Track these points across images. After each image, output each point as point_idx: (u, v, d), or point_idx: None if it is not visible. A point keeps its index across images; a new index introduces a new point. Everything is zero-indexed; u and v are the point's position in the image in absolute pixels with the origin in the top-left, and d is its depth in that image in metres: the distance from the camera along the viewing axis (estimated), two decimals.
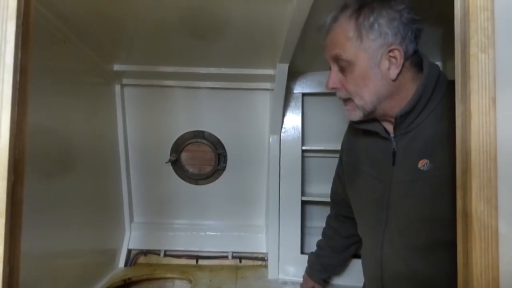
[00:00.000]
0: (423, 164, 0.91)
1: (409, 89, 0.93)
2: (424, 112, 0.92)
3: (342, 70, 0.94)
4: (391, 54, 0.89)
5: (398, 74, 0.90)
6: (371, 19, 0.88)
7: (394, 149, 0.98)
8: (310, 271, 1.45)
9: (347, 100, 0.97)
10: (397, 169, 0.97)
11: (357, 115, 0.96)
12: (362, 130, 1.05)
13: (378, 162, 1.03)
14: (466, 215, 0.49)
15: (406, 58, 0.89)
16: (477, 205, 0.48)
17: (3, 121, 0.47)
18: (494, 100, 0.47)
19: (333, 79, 0.96)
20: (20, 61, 0.49)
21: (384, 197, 1.00)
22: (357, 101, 0.94)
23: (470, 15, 0.48)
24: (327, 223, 1.44)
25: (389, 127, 0.99)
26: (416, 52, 0.92)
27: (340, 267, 1.53)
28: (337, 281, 1.58)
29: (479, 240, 0.47)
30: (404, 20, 0.88)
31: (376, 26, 0.88)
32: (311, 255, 1.46)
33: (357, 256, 1.53)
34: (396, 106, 0.93)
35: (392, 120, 0.95)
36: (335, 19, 0.93)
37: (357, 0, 0.92)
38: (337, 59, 0.94)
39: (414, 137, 0.94)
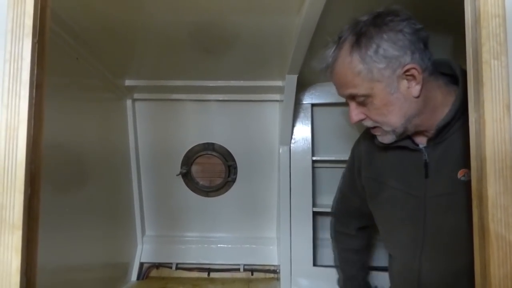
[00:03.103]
0: (463, 174, 0.84)
1: (437, 98, 0.87)
2: (460, 120, 0.85)
3: (362, 103, 0.89)
4: (407, 73, 0.83)
5: (420, 89, 0.84)
6: (374, 46, 0.81)
7: (426, 160, 0.91)
8: None
9: (374, 127, 0.92)
10: (432, 182, 0.91)
11: (389, 138, 0.92)
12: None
13: (407, 175, 0.96)
14: (483, 224, 0.48)
15: (423, 70, 0.83)
16: (494, 213, 0.47)
17: (20, 136, 0.48)
18: (508, 107, 0.47)
19: (355, 112, 0.91)
20: (36, 77, 0.50)
21: (419, 212, 0.93)
22: (385, 128, 0.89)
23: (481, 22, 0.48)
24: (347, 244, 1.33)
25: (418, 138, 0.94)
26: (430, 58, 0.85)
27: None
28: None
29: (497, 249, 0.47)
30: (408, 36, 0.82)
31: (381, 52, 0.81)
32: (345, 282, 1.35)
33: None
34: (428, 118, 0.88)
35: (423, 131, 0.91)
36: (335, 58, 0.88)
37: (351, 30, 0.86)
38: (352, 97, 0.89)
39: (449, 146, 0.88)
